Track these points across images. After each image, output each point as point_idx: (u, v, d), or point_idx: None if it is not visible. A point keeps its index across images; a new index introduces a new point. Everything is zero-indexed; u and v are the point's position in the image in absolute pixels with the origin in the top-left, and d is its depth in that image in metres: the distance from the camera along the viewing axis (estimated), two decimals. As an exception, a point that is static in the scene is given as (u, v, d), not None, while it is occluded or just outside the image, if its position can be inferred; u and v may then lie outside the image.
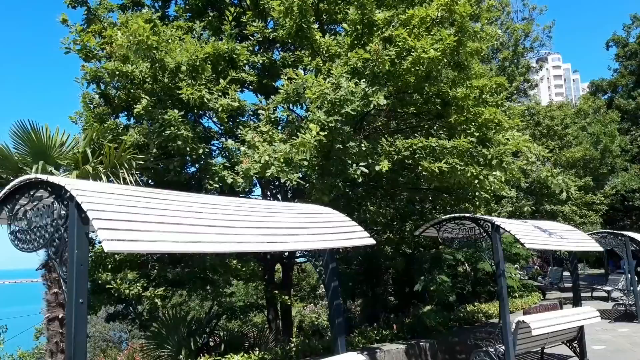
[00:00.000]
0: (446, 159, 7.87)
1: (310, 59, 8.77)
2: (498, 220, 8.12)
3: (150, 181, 9.30)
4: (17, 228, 4.87)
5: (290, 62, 9.65)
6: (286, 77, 8.83)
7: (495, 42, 21.14)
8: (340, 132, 7.21)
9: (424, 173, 7.81)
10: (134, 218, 4.22)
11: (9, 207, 4.90)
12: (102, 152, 8.13)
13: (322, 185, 7.36)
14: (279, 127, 8.50)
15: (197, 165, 9.53)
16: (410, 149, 7.96)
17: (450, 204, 10.49)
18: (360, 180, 7.31)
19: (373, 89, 7.22)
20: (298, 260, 12.47)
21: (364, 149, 7.43)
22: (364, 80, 7.33)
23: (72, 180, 4.48)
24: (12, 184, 4.79)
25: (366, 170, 7.29)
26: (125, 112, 9.87)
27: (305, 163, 6.51)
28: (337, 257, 6.32)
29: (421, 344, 9.58)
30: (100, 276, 8.78)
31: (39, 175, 4.52)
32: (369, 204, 12.03)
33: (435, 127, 9.82)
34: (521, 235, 7.96)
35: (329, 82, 7.15)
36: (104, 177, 7.61)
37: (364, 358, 5.60)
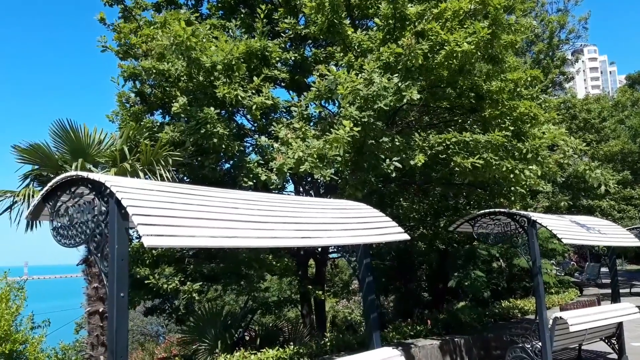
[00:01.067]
0: (480, 153, 7.76)
1: (342, 54, 8.76)
2: (534, 215, 7.97)
3: (185, 178, 9.48)
4: (59, 224, 5.03)
5: (321, 58, 9.68)
6: (318, 74, 8.87)
7: (530, 34, 20.65)
8: (373, 127, 7.18)
9: (457, 168, 7.71)
10: (172, 214, 4.30)
11: (51, 203, 5.07)
12: (138, 149, 8.33)
13: (355, 181, 7.36)
14: (312, 124, 8.53)
15: (231, 162, 9.66)
16: (444, 144, 7.87)
17: (484, 199, 10.34)
18: (393, 175, 7.27)
19: (406, 84, 7.17)
20: (331, 255, 12.53)
21: (397, 143, 7.39)
22: (396, 75, 7.28)
23: (112, 177, 4.59)
24: (53, 181, 4.95)
25: (400, 165, 7.25)
26: (160, 110, 10.09)
27: (339, 159, 6.53)
28: (370, 253, 6.32)
29: (456, 339, 9.50)
30: (138, 271, 9.00)
31: (80, 173, 4.65)
32: (401, 199, 11.97)
33: (468, 122, 9.68)
34: (558, 230, 7.80)
35: (361, 77, 7.14)
36: (141, 174, 7.80)
37: (400, 353, 5.59)
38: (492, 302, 15.08)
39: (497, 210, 8.36)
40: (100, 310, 8.19)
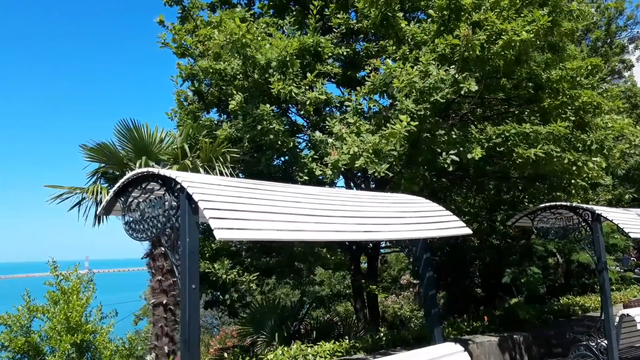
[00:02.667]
0: (541, 145, 7.55)
1: (394, 48, 8.70)
2: (599, 209, 7.68)
3: (241, 174, 9.69)
4: (130, 219, 5.25)
5: (373, 53, 9.64)
6: (371, 68, 8.84)
7: (590, 21, 19.83)
8: (429, 120, 7.11)
9: (518, 160, 7.52)
10: (240, 208, 4.41)
11: (122, 199, 5.29)
12: (197, 147, 8.59)
13: (412, 175, 7.31)
14: (364, 118, 8.53)
15: (285, 157, 9.80)
16: (502, 136, 7.70)
17: (543, 193, 10.04)
18: (450, 169, 7.18)
19: (463, 75, 7.05)
20: (382, 250, 12.49)
21: (454, 136, 7.30)
22: (453, 66, 7.18)
23: (182, 173, 4.73)
24: (125, 177, 5.16)
25: (457, 159, 7.15)
26: (216, 109, 10.35)
27: (395, 154, 6.50)
28: (430, 248, 6.28)
29: (515, 336, 9.30)
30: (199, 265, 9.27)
31: (151, 169, 4.83)
32: (453, 194, 11.78)
33: (526, 113, 9.42)
34: (625, 225, 7.49)
35: (416, 70, 7.08)
36: (201, 171, 8.04)
37: (463, 349, 5.53)
38: (548, 299, 14.66)
39: (558, 203, 8.11)
40: (164, 302, 8.49)
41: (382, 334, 8.79)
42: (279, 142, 8.21)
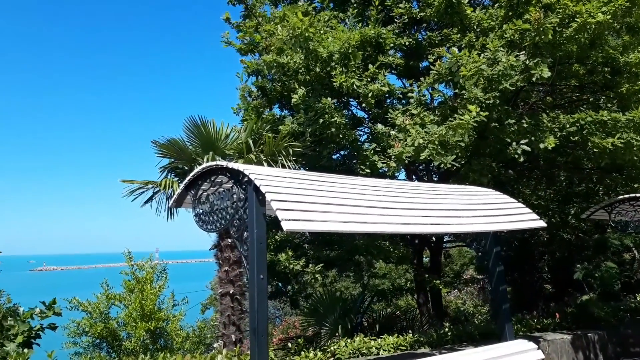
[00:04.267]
0: (620, 133, 7.10)
1: (459, 35, 8.46)
2: (685, 201, 7.16)
3: (303, 168, 9.77)
4: (200, 211, 5.43)
5: (436, 42, 9.41)
6: (434, 57, 8.64)
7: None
8: (498, 109, 6.86)
9: (594, 150, 7.12)
10: (306, 199, 4.43)
11: (192, 192, 5.47)
12: (261, 141, 8.73)
13: (480, 166, 7.09)
14: (429, 109, 8.36)
15: (345, 151, 9.77)
16: (577, 124, 7.30)
17: (620, 184, 9.46)
18: (521, 159, 6.90)
19: (534, 61, 6.74)
20: (445, 244, 12.24)
21: (525, 126, 7.00)
22: (523, 52, 6.88)
23: (249, 166, 4.82)
24: (195, 171, 5.33)
25: (528, 149, 6.85)
26: (278, 104, 10.47)
27: (462, 145, 6.32)
28: (500, 241, 6.08)
29: (589, 334, 8.84)
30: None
31: (219, 163, 4.95)
32: (520, 186, 11.33)
33: (601, 100, 8.90)
34: None
35: (484, 57, 6.84)
36: (265, 164, 8.18)
37: (536, 346, 5.33)
38: (623, 296, 13.85)
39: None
40: (231, 292, 8.72)
41: (446, 329, 8.62)
42: (340, 136, 8.19)
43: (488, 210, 5.38)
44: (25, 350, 6.01)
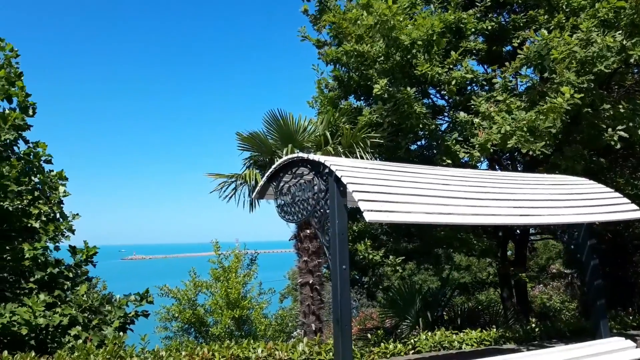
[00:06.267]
0: None
1: (546, 17, 7.97)
2: None
3: (380, 158, 9.67)
4: (282, 202, 5.54)
5: (521, 24, 8.93)
6: (519, 41, 8.21)
7: None
8: (593, 93, 6.41)
9: None
10: (388, 190, 4.37)
11: (274, 184, 5.59)
12: (338, 133, 8.76)
13: (573, 153, 6.66)
14: (515, 95, 7.97)
15: (424, 141, 9.55)
16: (682, 108, 6.69)
17: None
18: (618, 146, 6.42)
19: (632, 41, 6.23)
20: (531, 237, 11.68)
21: (622, 110, 6.50)
22: (619, 32, 6.37)
23: (329, 158, 4.84)
24: (277, 163, 5.44)
25: (625, 135, 6.37)
26: (354, 94, 10.41)
27: (553, 131, 5.97)
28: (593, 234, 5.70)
29: (695, 335, 8.11)
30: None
31: (300, 155, 5.01)
32: (614, 175, 10.54)
33: None
34: None
35: (575, 38, 6.41)
36: (342, 156, 8.20)
37: (634, 345, 4.96)
38: None
39: None
40: (310, 282, 8.86)
41: (533, 325, 8.26)
42: (420, 125, 8.01)
43: (582, 200, 5.06)
44: (121, 333, 6.47)
